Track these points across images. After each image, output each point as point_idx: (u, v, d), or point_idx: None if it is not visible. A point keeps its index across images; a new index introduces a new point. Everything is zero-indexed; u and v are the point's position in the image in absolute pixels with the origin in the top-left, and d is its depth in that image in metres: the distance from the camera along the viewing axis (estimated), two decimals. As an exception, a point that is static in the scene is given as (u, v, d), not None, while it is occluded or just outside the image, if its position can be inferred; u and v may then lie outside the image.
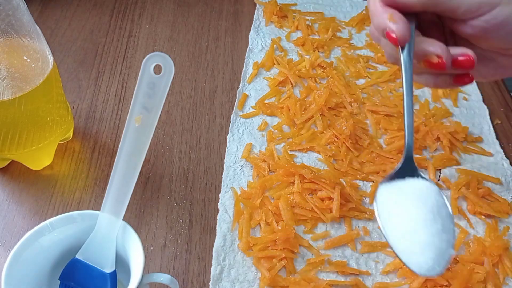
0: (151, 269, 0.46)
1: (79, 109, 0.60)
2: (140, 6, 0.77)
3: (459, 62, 0.37)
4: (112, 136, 0.57)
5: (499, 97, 0.68)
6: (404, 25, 0.36)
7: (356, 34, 0.75)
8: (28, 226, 0.48)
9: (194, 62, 0.68)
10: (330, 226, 0.50)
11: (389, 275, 0.47)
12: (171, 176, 0.54)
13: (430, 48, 0.36)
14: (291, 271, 0.46)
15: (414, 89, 0.65)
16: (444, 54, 0.36)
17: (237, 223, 0.49)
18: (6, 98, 0.44)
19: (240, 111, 0.61)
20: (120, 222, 0.36)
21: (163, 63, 0.32)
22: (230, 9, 0.78)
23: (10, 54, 0.44)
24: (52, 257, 0.38)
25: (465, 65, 0.37)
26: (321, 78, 0.66)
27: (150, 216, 0.50)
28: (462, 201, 0.54)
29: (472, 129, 0.62)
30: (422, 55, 0.37)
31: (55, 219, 0.37)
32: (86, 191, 0.51)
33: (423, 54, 0.37)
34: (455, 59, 0.37)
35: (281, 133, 0.58)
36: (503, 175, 0.57)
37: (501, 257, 0.48)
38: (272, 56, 0.68)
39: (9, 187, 0.51)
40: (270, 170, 0.54)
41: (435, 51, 0.36)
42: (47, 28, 0.71)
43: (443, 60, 0.36)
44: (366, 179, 0.55)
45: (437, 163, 0.57)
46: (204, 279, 0.45)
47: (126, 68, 0.66)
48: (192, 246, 0.48)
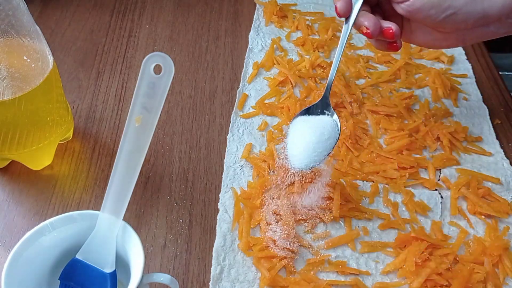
0: (151, 269, 0.46)
1: (79, 109, 0.60)
2: (140, 6, 0.77)
3: (384, 33, 0.48)
4: (112, 136, 0.57)
5: (499, 97, 0.68)
6: (344, 3, 0.47)
7: (356, 34, 0.75)
8: (28, 226, 0.48)
9: (194, 62, 0.68)
10: (330, 226, 0.50)
11: (389, 275, 0.47)
12: (171, 176, 0.54)
13: (363, 21, 0.48)
14: (291, 271, 0.46)
15: (415, 90, 0.66)
16: (371, 27, 0.47)
17: (237, 223, 0.49)
18: (6, 98, 0.44)
19: (240, 111, 0.61)
20: (120, 222, 0.36)
21: (163, 63, 0.32)
22: (230, 9, 0.78)
23: (10, 54, 0.44)
24: (52, 257, 0.38)
25: (388, 36, 0.48)
26: (321, 78, 0.66)
27: (150, 216, 0.50)
28: (462, 201, 0.54)
29: (472, 129, 0.62)
30: (358, 25, 0.49)
31: (55, 219, 0.37)
32: (86, 191, 0.51)
33: (359, 25, 0.48)
34: (382, 30, 0.48)
35: (281, 133, 0.58)
36: (503, 175, 0.57)
37: (501, 257, 0.48)
38: (272, 56, 0.68)
39: (9, 187, 0.51)
40: (270, 170, 0.54)
41: (365, 24, 0.48)
42: (47, 28, 0.71)
43: (369, 32, 0.48)
44: (366, 179, 0.55)
45: (437, 163, 0.57)
46: (204, 279, 0.45)
47: (126, 68, 0.66)
48: (192, 246, 0.48)
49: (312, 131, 0.47)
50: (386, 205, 0.53)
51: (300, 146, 0.47)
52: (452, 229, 0.51)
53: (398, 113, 0.62)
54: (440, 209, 0.53)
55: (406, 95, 0.64)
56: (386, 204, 0.53)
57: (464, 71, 0.71)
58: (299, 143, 0.47)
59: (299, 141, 0.47)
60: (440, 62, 0.71)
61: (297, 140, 0.48)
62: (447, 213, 0.52)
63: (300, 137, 0.48)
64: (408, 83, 0.67)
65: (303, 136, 0.47)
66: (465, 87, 0.68)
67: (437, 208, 0.53)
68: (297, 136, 0.48)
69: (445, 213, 0.53)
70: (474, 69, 0.71)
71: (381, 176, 0.55)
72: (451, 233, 0.51)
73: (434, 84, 0.67)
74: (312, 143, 0.47)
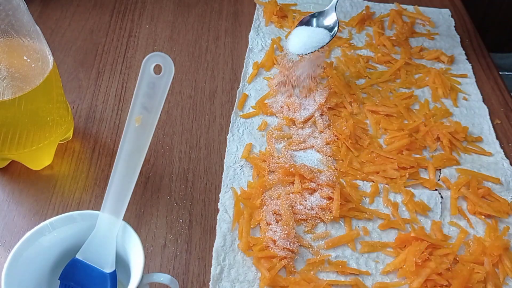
0: (151, 269, 0.46)
1: (79, 109, 0.60)
2: (140, 6, 0.77)
3: None
4: (112, 136, 0.57)
5: (499, 97, 0.68)
6: None
7: (356, 34, 0.75)
8: (28, 226, 0.48)
9: (194, 62, 0.68)
10: (330, 226, 0.50)
11: (389, 275, 0.47)
12: (171, 176, 0.54)
13: None
14: (291, 271, 0.46)
15: (415, 90, 0.66)
16: None
17: (237, 223, 0.49)
18: (6, 98, 0.44)
19: (240, 111, 0.61)
20: (120, 222, 0.36)
21: (163, 63, 0.32)
22: (230, 9, 0.78)
23: (10, 54, 0.44)
24: (52, 257, 0.38)
25: None
26: (321, 78, 0.66)
27: (150, 216, 0.50)
28: (462, 201, 0.54)
29: (472, 129, 0.62)
30: None
31: (55, 219, 0.37)
32: (86, 191, 0.51)
33: None
34: None
35: (281, 133, 0.58)
36: (503, 175, 0.57)
37: (501, 257, 0.48)
38: (272, 56, 0.68)
39: (9, 187, 0.51)
40: (270, 170, 0.54)
41: None
42: (47, 28, 0.71)
43: None
44: (366, 179, 0.55)
45: (437, 163, 0.57)
46: (204, 279, 0.45)
47: (126, 68, 0.66)
48: (192, 246, 0.48)
49: (308, 32, 0.60)
50: (386, 205, 0.53)
51: (299, 40, 0.60)
52: (452, 229, 0.51)
53: (398, 113, 0.62)
54: (440, 209, 0.53)
55: (406, 95, 0.64)
56: (386, 204, 0.53)
57: (464, 71, 0.71)
58: (298, 38, 0.60)
59: (298, 37, 0.60)
60: (440, 62, 0.71)
61: (297, 37, 0.60)
62: (447, 213, 0.52)
63: (299, 34, 0.60)
64: (408, 83, 0.67)
65: (301, 33, 0.61)
66: (465, 87, 0.68)
67: (437, 208, 0.53)
68: (297, 34, 0.60)
69: (445, 213, 0.53)
70: (474, 69, 0.71)
71: (381, 176, 0.55)
72: (451, 233, 0.51)
73: (434, 84, 0.67)
74: (308, 36, 0.59)
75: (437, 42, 0.75)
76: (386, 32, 0.76)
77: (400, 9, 0.80)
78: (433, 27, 0.78)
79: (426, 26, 0.78)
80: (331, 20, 0.60)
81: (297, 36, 0.60)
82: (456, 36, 0.77)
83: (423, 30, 0.78)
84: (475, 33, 0.79)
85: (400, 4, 0.81)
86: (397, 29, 0.76)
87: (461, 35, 0.78)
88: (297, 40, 0.59)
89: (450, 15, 0.81)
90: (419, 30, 0.77)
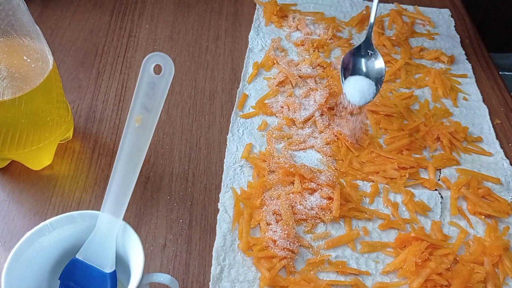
0: (151, 269, 0.46)
1: (79, 109, 0.60)
2: (140, 6, 0.77)
3: None
4: (112, 136, 0.57)
5: (499, 97, 0.68)
6: None
7: (356, 34, 0.75)
8: (28, 226, 0.48)
9: (194, 62, 0.68)
10: (330, 226, 0.50)
11: (389, 275, 0.47)
12: (171, 176, 0.54)
13: None
14: (291, 271, 0.46)
15: (415, 90, 0.66)
16: None
17: (237, 223, 0.49)
18: (6, 98, 0.44)
19: (240, 111, 0.61)
20: (120, 222, 0.36)
21: (163, 63, 0.32)
22: (230, 9, 0.78)
23: (10, 54, 0.44)
24: (52, 257, 0.38)
25: None
26: (321, 78, 0.66)
27: (150, 216, 0.50)
28: (462, 201, 0.54)
29: (472, 129, 0.62)
30: None
31: (55, 219, 0.37)
32: (86, 191, 0.51)
33: None
34: None
35: (281, 133, 0.58)
36: (503, 175, 0.57)
37: (501, 257, 0.48)
38: (272, 56, 0.68)
39: (9, 187, 0.51)
40: (270, 170, 0.54)
41: None
42: (47, 28, 0.71)
43: None
44: (366, 179, 0.55)
45: (437, 163, 0.57)
46: (204, 279, 0.45)
47: (126, 68, 0.66)
48: (192, 246, 0.48)
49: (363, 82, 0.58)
50: (386, 205, 0.53)
51: (357, 90, 0.58)
52: (452, 229, 0.51)
53: (398, 113, 0.62)
54: (440, 209, 0.53)
55: (406, 95, 0.64)
56: (386, 204, 0.53)
57: (464, 71, 0.71)
58: (356, 88, 0.58)
59: (355, 87, 0.58)
60: (440, 62, 0.71)
61: (354, 87, 0.58)
62: (447, 213, 0.52)
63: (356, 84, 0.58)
64: (408, 83, 0.67)
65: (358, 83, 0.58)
66: (465, 87, 0.68)
67: (437, 208, 0.53)
68: (354, 84, 0.58)
69: (445, 213, 0.53)
70: (474, 69, 0.71)
71: (381, 176, 0.55)
72: (451, 233, 0.51)
73: (434, 84, 0.67)
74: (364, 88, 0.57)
75: (437, 42, 0.75)
76: (386, 32, 0.76)
77: (400, 9, 0.80)
78: (433, 27, 0.78)
79: (426, 26, 0.78)
80: (379, 64, 0.58)
81: (354, 86, 0.58)
82: (456, 36, 0.77)
83: (423, 30, 0.78)
84: (475, 33, 0.79)
85: (400, 4, 0.81)
86: (397, 29, 0.76)
87: (461, 35, 0.78)
88: (356, 91, 0.57)
89: (450, 15, 0.81)
90: (419, 30, 0.77)
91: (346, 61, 0.59)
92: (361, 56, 0.59)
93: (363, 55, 0.59)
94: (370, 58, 0.59)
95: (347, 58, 0.60)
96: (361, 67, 0.59)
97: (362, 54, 0.59)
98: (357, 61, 0.59)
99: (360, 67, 0.59)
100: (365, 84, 0.57)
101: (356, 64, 0.59)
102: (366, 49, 0.60)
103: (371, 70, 0.59)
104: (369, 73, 0.58)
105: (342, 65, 0.59)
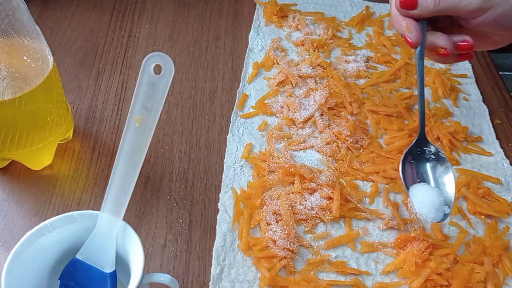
0: (151, 269, 0.46)
1: (79, 109, 0.60)
2: (140, 6, 0.77)
3: (461, 47, 0.48)
4: (112, 136, 0.57)
5: (499, 97, 0.68)
6: (417, 33, 0.47)
7: (356, 34, 0.75)
8: (28, 226, 0.48)
9: (194, 62, 0.68)
10: (330, 226, 0.50)
11: (389, 275, 0.47)
12: (171, 176, 0.54)
13: (438, 41, 0.47)
14: (291, 271, 0.46)
15: (415, 90, 0.66)
16: (449, 46, 0.47)
17: (237, 223, 0.49)
18: (6, 98, 0.44)
19: (240, 111, 0.61)
20: (120, 222, 0.36)
21: (163, 63, 0.32)
22: (230, 9, 0.78)
23: (10, 54, 0.44)
24: (52, 257, 0.38)
25: (465, 49, 0.48)
26: (321, 78, 0.66)
27: (150, 216, 0.50)
28: (462, 201, 0.54)
29: (472, 129, 0.62)
30: (432, 47, 0.48)
31: (55, 219, 0.37)
32: (86, 191, 0.51)
33: (432, 47, 0.48)
34: (458, 45, 0.48)
35: (281, 133, 0.58)
36: (503, 175, 0.57)
37: (501, 257, 0.48)
38: (272, 56, 0.68)
39: (9, 187, 0.51)
40: (270, 170, 0.54)
41: (441, 45, 0.47)
42: (47, 28, 0.71)
43: (447, 51, 0.47)
44: (366, 179, 0.55)
45: (437, 163, 0.57)
46: (204, 279, 0.45)
47: (126, 68, 0.66)
48: (192, 246, 0.48)
49: (434, 193, 0.47)
50: (386, 205, 0.53)
51: (429, 203, 0.46)
52: (452, 229, 0.51)
53: (398, 113, 0.62)
54: (440, 209, 0.53)
55: (406, 95, 0.64)
56: (386, 204, 0.53)
57: (464, 71, 0.71)
58: (427, 200, 0.46)
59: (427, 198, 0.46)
60: (440, 62, 0.71)
61: (426, 199, 0.46)
62: (447, 213, 0.52)
63: (427, 195, 0.47)
64: (408, 83, 0.67)
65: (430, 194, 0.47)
66: (465, 87, 0.68)
67: (437, 208, 0.53)
68: (425, 194, 0.47)
69: (445, 213, 0.52)
70: (474, 69, 0.71)
71: (381, 176, 0.55)
72: (451, 233, 0.51)
73: (434, 84, 0.67)
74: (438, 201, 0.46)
75: (437, 42, 0.75)
76: (386, 32, 0.76)
77: (400, 9, 0.80)
78: (433, 27, 0.78)
79: (426, 26, 0.78)
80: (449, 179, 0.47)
81: (425, 197, 0.46)
82: (456, 36, 0.77)
83: (423, 30, 0.77)
84: (475, 33, 0.79)
85: (400, 4, 0.81)
86: (397, 29, 0.76)
87: (461, 35, 0.77)
88: (427, 204, 0.46)
89: (450, 15, 0.81)
90: (419, 30, 0.77)
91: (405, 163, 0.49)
92: (421, 159, 0.49)
93: (424, 158, 0.49)
94: (433, 161, 0.48)
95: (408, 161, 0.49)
96: (425, 173, 0.48)
97: (418, 152, 0.49)
98: (419, 165, 0.48)
99: (423, 172, 0.48)
100: (434, 196, 0.46)
101: (418, 168, 0.48)
102: (422, 146, 0.49)
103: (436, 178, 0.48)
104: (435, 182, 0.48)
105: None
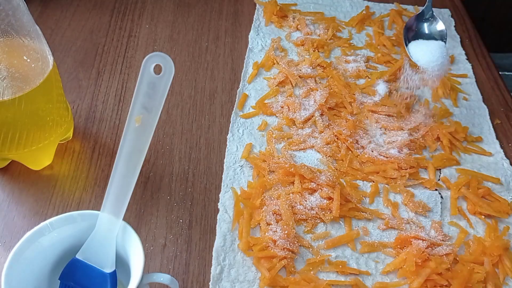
0: (151, 269, 0.46)
1: (79, 109, 0.60)
2: (140, 6, 0.77)
3: None
4: (112, 136, 0.57)
5: (499, 97, 0.68)
6: None
7: (356, 34, 0.75)
8: (28, 226, 0.48)
9: (194, 62, 0.68)
10: (330, 226, 0.50)
11: (389, 275, 0.47)
12: (171, 176, 0.54)
13: None
14: (291, 271, 0.46)
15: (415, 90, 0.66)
16: None
17: (237, 223, 0.49)
18: (6, 98, 0.44)
19: (240, 111, 0.61)
20: (120, 222, 0.36)
21: (163, 63, 0.32)
22: (230, 9, 0.78)
23: (10, 54, 0.44)
24: (52, 257, 0.38)
25: None
26: (321, 78, 0.66)
27: (150, 216, 0.50)
28: (462, 201, 0.54)
29: (472, 129, 0.62)
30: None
31: (55, 219, 0.37)
32: (86, 191, 0.51)
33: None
34: None
35: (281, 133, 0.58)
36: (503, 175, 0.57)
37: (501, 257, 0.48)
38: (272, 56, 0.68)
39: (9, 187, 0.51)
40: (270, 170, 0.54)
41: None
42: (47, 28, 0.71)
43: None
44: (366, 179, 0.55)
45: (437, 163, 0.57)
46: (204, 279, 0.45)
47: (126, 68, 0.66)
48: (192, 246, 0.48)
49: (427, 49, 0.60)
50: (386, 205, 0.53)
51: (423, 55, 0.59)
52: (452, 229, 0.51)
53: (398, 113, 0.62)
54: (440, 209, 0.53)
55: (406, 95, 0.64)
56: (386, 204, 0.53)
57: (464, 71, 0.71)
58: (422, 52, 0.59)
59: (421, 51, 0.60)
60: (440, 62, 0.71)
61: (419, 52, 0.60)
62: (447, 213, 0.52)
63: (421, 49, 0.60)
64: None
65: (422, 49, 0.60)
66: (465, 87, 0.68)
67: (437, 208, 0.53)
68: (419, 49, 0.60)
69: (445, 213, 0.53)
70: (474, 69, 0.71)
71: (381, 176, 0.55)
72: (451, 233, 0.51)
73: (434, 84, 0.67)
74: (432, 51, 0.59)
75: (437, 42, 0.75)
76: (386, 32, 0.76)
77: (400, 9, 0.80)
78: (433, 27, 0.78)
79: (426, 26, 0.78)
80: (440, 26, 0.61)
81: (425, 49, 0.60)
82: (456, 36, 0.77)
83: (423, 30, 0.78)
84: (475, 33, 0.79)
85: (400, 4, 0.81)
86: (397, 29, 0.76)
87: (461, 35, 0.78)
88: (427, 54, 0.59)
89: (450, 15, 0.82)
90: (419, 30, 0.77)
91: (409, 25, 0.62)
92: (423, 21, 0.62)
93: (425, 20, 0.62)
94: (432, 22, 0.62)
95: (410, 23, 0.62)
96: (424, 31, 0.61)
97: (424, 19, 0.62)
98: (421, 25, 0.62)
99: (423, 31, 0.61)
100: (433, 46, 0.59)
101: (420, 28, 0.62)
102: (427, 13, 0.62)
103: (435, 33, 0.61)
104: (433, 36, 0.60)
105: (404, 29, 0.62)
